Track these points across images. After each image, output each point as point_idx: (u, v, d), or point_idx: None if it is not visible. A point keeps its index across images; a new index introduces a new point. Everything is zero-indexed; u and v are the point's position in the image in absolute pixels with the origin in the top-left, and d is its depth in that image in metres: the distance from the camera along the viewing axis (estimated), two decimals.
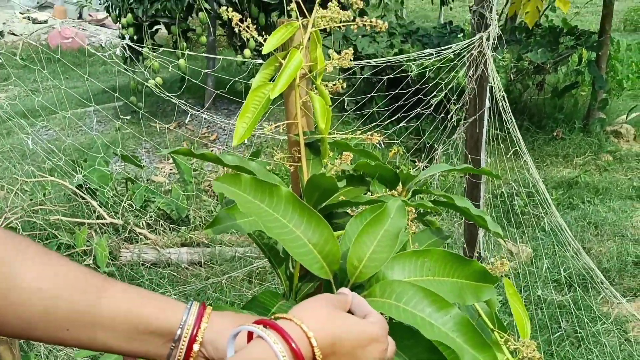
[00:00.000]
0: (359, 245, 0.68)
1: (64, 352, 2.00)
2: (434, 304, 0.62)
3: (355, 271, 0.67)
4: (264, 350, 0.51)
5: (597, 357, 2.29)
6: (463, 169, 1.23)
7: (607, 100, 5.52)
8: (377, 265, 0.66)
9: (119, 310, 0.61)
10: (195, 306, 0.63)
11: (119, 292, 0.62)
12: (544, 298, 2.74)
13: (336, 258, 0.67)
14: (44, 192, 3.52)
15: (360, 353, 0.55)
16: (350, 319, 0.57)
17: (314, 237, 0.67)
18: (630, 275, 3.18)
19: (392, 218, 0.72)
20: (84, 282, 0.61)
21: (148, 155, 5.10)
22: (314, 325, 0.54)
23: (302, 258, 0.66)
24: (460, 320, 0.61)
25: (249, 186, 0.69)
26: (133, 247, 3.22)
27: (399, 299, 0.63)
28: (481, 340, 0.61)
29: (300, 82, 1.03)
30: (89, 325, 0.60)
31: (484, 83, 2.19)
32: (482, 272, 0.69)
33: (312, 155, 1.09)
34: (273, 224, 0.67)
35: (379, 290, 0.65)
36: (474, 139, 2.33)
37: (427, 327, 0.60)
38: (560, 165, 5.02)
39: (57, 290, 0.59)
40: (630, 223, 3.82)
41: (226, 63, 7.68)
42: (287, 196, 0.68)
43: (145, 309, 0.61)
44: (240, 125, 1.01)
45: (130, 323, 0.60)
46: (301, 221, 0.67)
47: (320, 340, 0.53)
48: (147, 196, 3.52)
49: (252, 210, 0.68)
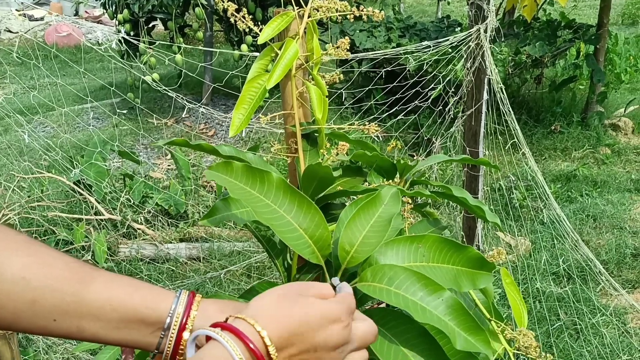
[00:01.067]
0: (351, 230, 0.68)
1: (63, 347, 2.00)
2: (425, 288, 0.61)
3: (347, 256, 0.66)
4: (221, 353, 0.51)
5: (596, 349, 2.30)
6: (461, 160, 1.23)
7: (605, 93, 5.52)
8: (369, 250, 0.66)
9: (107, 299, 0.60)
10: (184, 295, 0.63)
11: (106, 282, 0.61)
12: (542, 290, 2.74)
13: (327, 243, 0.67)
14: (41, 189, 3.51)
15: (322, 337, 0.54)
16: (308, 305, 0.55)
17: (305, 222, 0.67)
18: (628, 267, 3.18)
19: (385, 205, 0.71)
20: (71, 272, 0.60)
21: (146, 151, 5.09)
22: (268, 321, 0.53)
23: (293, 243, 0.66)
24: (452, 304, 0.60)
25: (241, 173, 0.69)
26: (131, 242, 3.22)
27: (390, 283, 0.62)
28: (474, 323, 0.60)
29: (297, 72, 1.02)
30: (77, 315, 0.59)
31: (481, 75, 2.19)
32: (478, 259, 0.68)
33: (309, 146, 1.08)
34: (264, 209, 0.66)
35: (370, 274, 0.64)
36: (472, 132, 2.32)
37: (418, 310, 0.60)
38: (558, 158, 5.02)
39: (43, 281, 0.59)
40: (629, 216, 3.83)
41: (223, 59, 7.67)
42: (278, 182, 0.68)
43: (134, 298, 0.61)
44: (237, 116, 1.00)
45: (119, 312, 0.60)
46: (292, 207, 0.67)
47: (275, 337, 0.52)
48: (145, 192, 3.51)
49: (243, 197, 0.67)
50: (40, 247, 0.62)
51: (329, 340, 0.54)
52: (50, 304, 0.59)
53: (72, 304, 0.59)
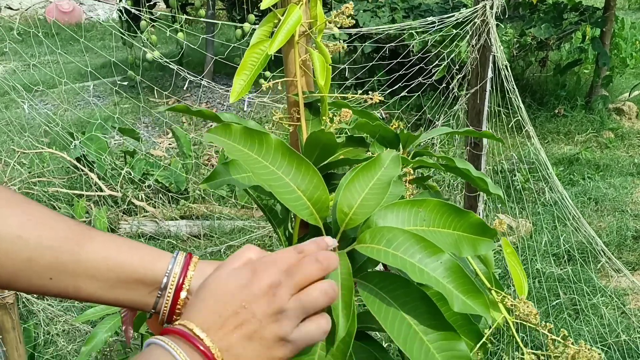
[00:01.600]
0: (350, 192, 0.67)
1: (63, 319, 2.01)
2: (424, 250, 0.60)
3: (346, 218, 0.65)
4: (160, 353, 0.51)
5: (595, 328, 2.30)
6: (465, 132, 1.22)
7: (610, 77, 5.47)
8: (368, 212, 0.65)
9: (104, 258, 0.60)
10: (182, 256, 0.62)
11: (104, 241, 0.61)
12: (542, 271, 2.74)
13: (325, 205, 0.66)
14: (42, 165, 3.50)
15: (250, 306, 0.53)
16: (230, 281, 0.55)
17: (303, 184, 0.66)
18: (629, 249, 3.18)
19: (385, 168, 0.70)
20: (68, 231, 0.60)
21: (147, 129, 5.07)
22: (202, 320, 0.53)
23: (291, 204, 0.65)
24: (451, 266, 0.59)
25: (239, 135, 0.68)
26: (132, 219, 3.22)
27: (389, 245, 0.61)
28: (472, 286, 0.59)
29: (300, 39, 1.00)
30: (73, 274, 0.59)
31: (486, 53, 2.16)
32: (479, 225, 0.67)
33: (312, 115, 1.07)
34: (262, 171, 0.65)
35: (369, 236, 0.63)
36: (475, 110, 2.30)
37: (416, 272, 0.59)
38: (561, 142, 4.99)
39: (39, 239, 0.58)
40: (631, 199, 3.82)
41: (225, 39, 7.61)
42: (276, 144, 0.67)
43: (131, 257, 0.60)
44: (238, 82, 0.99)
45: (115, 272, 0.60)
46: (290, 168, 0.66)
47: (214, 337, 0.52)
48: (146, 169, 3.50)
49: (241, 158, 0.66)
50: (36, 206, 0.62)
51: (257, 311, 0.53)
52: (47, 263, 0.58)
53: (69, 263, 0.59)
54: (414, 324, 0.60)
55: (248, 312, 0.53)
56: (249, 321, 0.53)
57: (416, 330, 0.60)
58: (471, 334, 0.78)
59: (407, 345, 0.59)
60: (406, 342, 0.59)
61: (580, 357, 0.75)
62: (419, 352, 0.59)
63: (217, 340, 0.52)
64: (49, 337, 2.07)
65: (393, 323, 0.60)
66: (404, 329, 0.60)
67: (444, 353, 0.60)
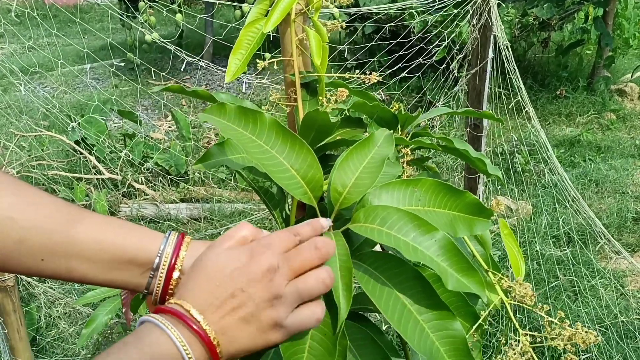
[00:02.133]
0: (344, 171, 0.66)
1: (64, 301, 2.02)
2: (418, 228, 0.59)
3: (340, 197, 0.65)
4: (164, 340, 0.50)
5: (593, 310, 2.31)
6: (464, 112, 1.20)
7: (612, 58, 5.42)
8: (362, 190, 0.64)
9: (96, 239, 0.59)
10: (174, 236, 0.62)
11: (96, 222, 0.60)
12: (542, 253, 2.75)
13: (319, 184, 0.65)
14: (42, 148, 3.50)
15: (243, 289, 0.53)
16: (226, 262, 0.54)
17: (297, 163, 0.65)
18: (629, 231, 3.18)
19: (379, 146, 0.70)
20: (60, 212, 0.60)
21: (146, 112, 5.05)
22: (198, 301, 0.52)
23: (285, 183, 0.64)
24: (445, 244, 0.59)
25: (234, 115, 0.68)
26: (132, 202, 3.22)
27: (383, 223, 0.60)
28: (467, 264, 0.59)
29: (296, 18, 0.99)
30: (66, 255, 0.59)
31: (487, 33, 2.13)
32: (476, 205, 0.66)
33: (309, 95, 1.06)
34: (256, 149, 0.65)
35: (363, 215, 0.62)
36: (476, 92, 2.28)
37: (410, 250, 0.58)
38: (562, 124, 4.97)
39: (31, 220, 0.58)
40: (631, 180, 3.81)
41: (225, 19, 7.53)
42: (270, 123, 0.66)
43: (123, 238, 0.60)
44: (233, 61, 0.98)
45: (108, 252, 0.59)
46: (284, 147, 0.66)
47: (210, 318, 0.52)
48: (146, 152, 3.49)
49: (235, 137, 0.66)
50: (27, 187, 0.61)
51: (254, 295, 0.53)
52: (39, 243, 0.58)
53: (61, 244, 0.58)
54: (408, 304, 0.60)
55: (245, 295, 0.52)
56: (245, 304, 0.52)
57: (410, 309, 0.59)
58: (467, 316, 0.77)
59: (401, 325, 0.59)
60: (400, 321, 0.59)
61: (576, 338, 0.75)
62: (413, 332, 0.59)
63: (213, 322, 0.51)
64: (50, 320, 2.08)
65: (387, 302, 0.60)
66: (398, 309, 0.59)
67: (438, 333, 0.60)
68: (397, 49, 2.78)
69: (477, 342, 0.82)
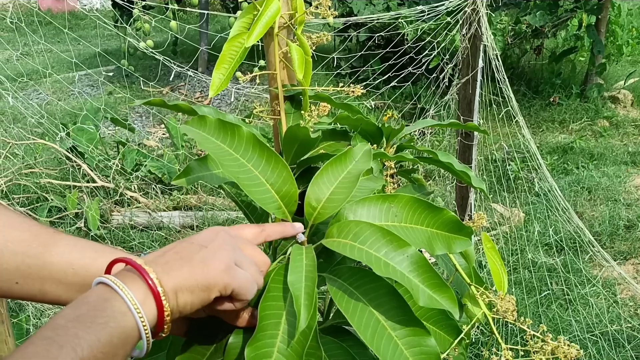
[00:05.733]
0: (318, 186, 0.66)
1: (52, 311, 2.01)
2: (390, 244, 0.60)
3: (314, 212, 0.65)
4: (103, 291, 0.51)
5: (584, 319, 2.31)
6: (449, 124, 1.21)
7: (605, 65, 5.45)
8: (336, 205, 0.65)
9: (69, 263, 0.60)
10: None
11: (69, 245, 0.61)
12: (534, 261, 2.75)
13: (294, 199, 0.66)
14: (34, 156, 3.49)
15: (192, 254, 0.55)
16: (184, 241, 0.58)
17: (272, 177, 0.66)
18: (621, 239, 3.19)
19: (356, 161, 0.70)
20: (33, 235, 0.60)
21: (141, 120, 5.05)
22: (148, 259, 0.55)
23: (258, 197, 0.65)
24: (417, 260, 0.59)
25: (214, 127, 0.68)
26: (124, 210, 3.21)
27: (355, 239, 0.61)
28: (438, 280, 0.59)
29: (280, 31, 0.99)
30: (39, 279, 0.59)
31: (477, 42, 2.14)
32: (454, 222, 0.66)
33: (293, 109, 1.06)
34: (231, 163, 0.65)
35: (336, 230, 0.63)
36: (466, 100, 2.29)
37: (381, 266, 0.58)
38: (556, 130, 4.99)
39: (6, 244, 0.58)
40: (624, 188, 3.82)
41: (220, 27, 7.55)
42: (248, 136, 0.67)
43: (96, 262, 0.60)
44: (217, 76, 0.98)
45: (81, 276, 0.60)
46: (260, 161, 0.66)
47: (155, 264, 0.53)
48: (139, 159, 3.49)
49: (212, 150, 0.66)
50: (2, 209, 0.61)
51: (199, 240, 0.57)
52: (12, 267, 0.58)
53: (34, 267, 0.59)
54: (382, 320, 0.60)
55: (190, 242, 0.56)
56: (189, 247, 0.55)
57: (384, 325, 0.59)
58: (449, 329, 0.77)
59: (374, 341, 0.59)
60: (374, 337, 0.59)
61: (558, 352, 0.75)
62: (387, 348, 0.58)
63: (155, 266, 0.52)
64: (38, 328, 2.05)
65: (361, 318, 0.60)
66: (372, 324, 0.59)
67: (412, 349, 0.59)
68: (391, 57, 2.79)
69: (460, 355, 0.82)
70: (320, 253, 0.74)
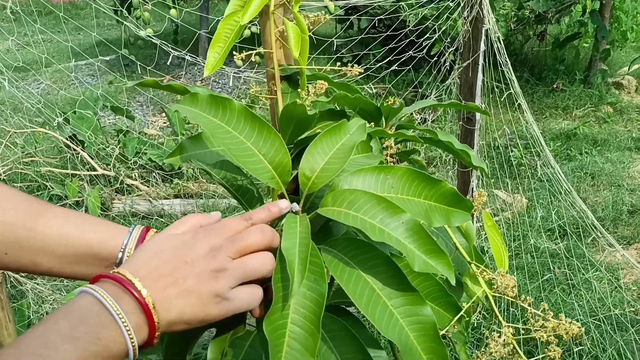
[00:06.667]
0: (312, 156, 0.66)
1: (52, 297, 2.02)
2: (385, 210, 0.59)
3: (308, 182, 0.64)
4: (98, 308, 0.49)
5: (587, 303, 2.30)
6: (449, 104, 1.19)
7: (609, 51, 5.40)
8: (330, 175, 0.64)
9: (61, 234, 0.59)
10: (138, 230, 0.62)
11: (60, 217, 0.60)
12: (536, 247, 2.74)
13: (287, 169, 0.65)
14: (34, 145, 3.48)
15: (186, 262, 0.53)
16: (171, 241, 0.55)
17: (264, 148, 0.65)
18: (624, 224, 3.17)
19: (351, 134, 0.69)
20: (24, 206, 0.60)
21: (141, 108, 5.04)
22: (136, 269, 0.52)
23: (252, 167, 0.64)
24: (412, 227, 0.58)
25: (205, 103, 0.68)
26: (125, 198, 3.21)
27: (350, 207, 0.60)
28: (435, 246, 0.58)
29: (276, 9, 0.97)
30: (30, 250, 0.59)
31: (479, 25, 2.12)
32: (453, 195, 0.65)
33: (291, 88, 1.05)
34: (224, 135, 0.64)
35: (331, 199, 0.62)
36: (468, 85, 2.26)
37: (376, 232, 0.57)
38: (559, 117, 4.95)
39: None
40: (627, 173, 3.80)
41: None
42: (239, 109, 0.66)
43: (88, 233, 0.60)
44: (212, 55, 0.97)
45: (73, 247, 0.59)
46: (252, 132, 0.66)
47: (149, 287, 0.51)
48: (139, 148, 3.48)
49: (205, 124, 0.66)
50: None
51: (197, 266, 0.53)
52: (2, 237, 0.57)
53: (25, 238, 0.58)
54: (378, 288, 0.59)
55: (187, 267, 0.52)
56: (187, 276, 0.52)
57: (380, 294, 0.59)
58: (448, 306, 0.76)
59: (369, 309, 0.58)
60: (369, 306, 0.58)
61: (560, 330, 0.74)
62: (382, 316, 0.58)
63: (153, 290, 0.50)
64: (41, 317, 2.07)
65: (356, 286, 0.59)
66: (367, 293, 0.59)
67: (408, 318, 0.59)
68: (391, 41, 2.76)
69: (459, 333, 0.81)
70: (319, 232, 0.74)
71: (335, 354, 0.72)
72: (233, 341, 0.67)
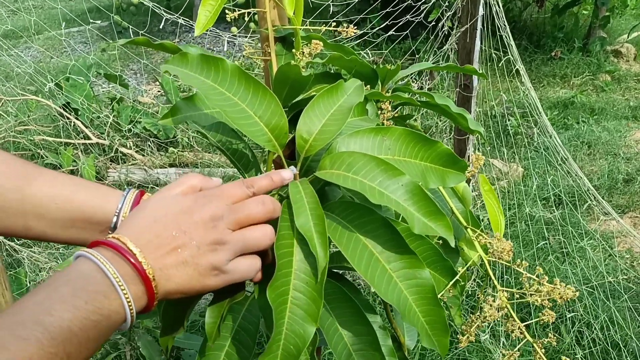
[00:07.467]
0: (309, 118, 0.64)
1: (49, 265, 2.02)
2: (385, 173, 0.58)
3: (306, 144, 0.63)
4: (98, 276, 0.48)
5: (581, 271, 2.32)
6: (446, 67, 1.17)
7: (608, 18, 5.33)
8: (328, 137, 0.63)
9: (52, 197, 0.58)
10: (132, 193, 0.61)
11: (51, 180, 0.59)
12: (531, 215, 2.74)
13: (284, 131, 0.64)
14: (27, 114, 3.44)
15: (186, 230, 0.52)
16: (171, 205, 0.54)
17: (260, 110, 0.63)
18: (619, 192, 3.18)
19: (348, 95, 0.67)
20: (13, 168, 0.58)
21: (135, 77, 4.97)
22: (137, 237, 0.51)
23: (247, 130, 0.62)
24: (412, 189, 0.57)
25: (196, 63, 0.65)
26: (120, 167, 3.19)
27: (349, 169, 0.59)
28: (434, 208, 0.58)
29: None
30: (21, 213, 0.57)
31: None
32: (449, 155, 0.64)
33: (285, 50, 1.02)
34: (218, 97, 0.63)
35: (329, 162, 0.61)
36: (466, 50, 2.23)
37: (375, 194, 0.57)
38: (557, 85, 4.92)
39: None
40: (624, 142, 3.79)
41: None
42: (232, 70, 0.64)
43: (79, 196, 0.59)
44: (203, 13, 0.93)
45: (65, 211, 0.58)
46: (247, 94, 0.64)
47: (149, 255, 0.50)
48: (134, 116, 3.44)
49: (197, 85, 0.64)
50: None
51: (196, 237, 0.52)
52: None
53: (15, 201, 0.57)
54: (377, 252, 0.59)
55: (186, 237, 0.52)
56: (186, 245, 0.51)
57: (379, 258, 0.59)
58: (444, 271, 0.76)
59: (368, 273, 0.58)
60: (368, 269, 0.58)
61: (554, 294, 0.74)
62: (381, 280, 0.58)
63: (152, 259, 0.50)
64: (36, 285, 2.07)
65: (355, 250, 0.59)
66: (366, 256, 0.59)
67: (407, 281, 0.59)
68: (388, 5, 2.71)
69: (454, 297, 0.81)
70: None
71: (333, 316, 0.72)
72: (231, 306, 0.66)
